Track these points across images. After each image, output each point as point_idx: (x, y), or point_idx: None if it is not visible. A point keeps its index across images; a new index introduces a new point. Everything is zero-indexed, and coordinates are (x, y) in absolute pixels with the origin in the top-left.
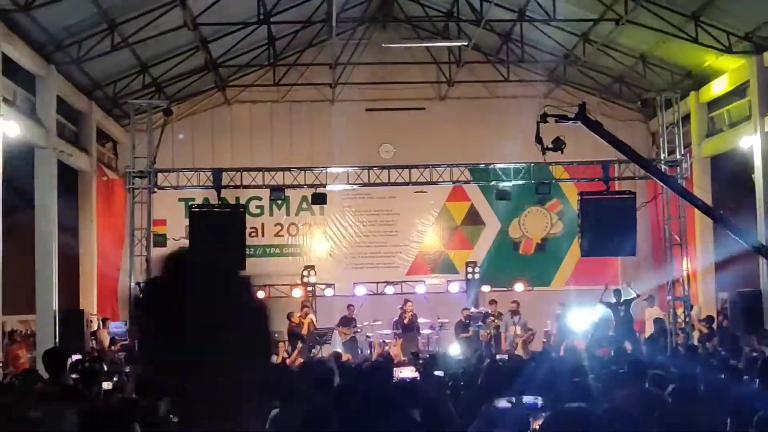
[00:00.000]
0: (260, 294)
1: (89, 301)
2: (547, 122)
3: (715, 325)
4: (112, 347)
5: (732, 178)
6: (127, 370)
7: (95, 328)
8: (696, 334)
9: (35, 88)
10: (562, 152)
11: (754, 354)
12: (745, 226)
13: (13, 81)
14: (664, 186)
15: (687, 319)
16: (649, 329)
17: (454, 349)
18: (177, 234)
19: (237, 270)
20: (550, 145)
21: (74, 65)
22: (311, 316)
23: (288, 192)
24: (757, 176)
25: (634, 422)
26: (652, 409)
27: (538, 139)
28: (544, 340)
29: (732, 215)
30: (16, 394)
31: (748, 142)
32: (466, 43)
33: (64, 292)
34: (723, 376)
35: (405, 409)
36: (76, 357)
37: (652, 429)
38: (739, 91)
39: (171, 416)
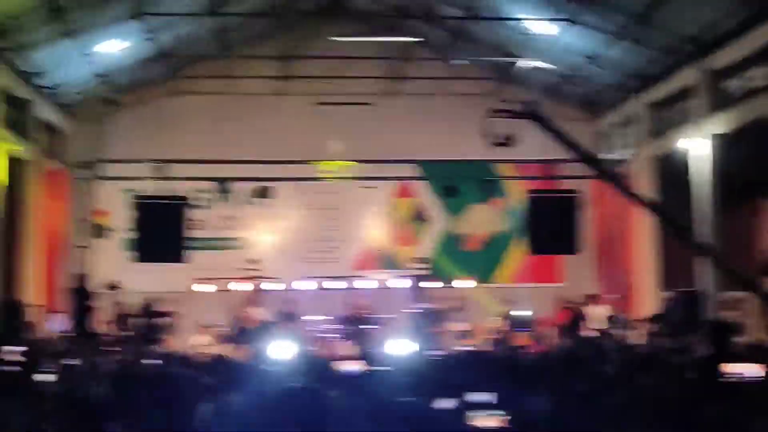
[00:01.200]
0: (203, 288)
1: (29, 292)
2: (497, 117)
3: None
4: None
5: (674, 179)
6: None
7: (35, 319)
8: (635, 333)
9: None
10: (512, 147)
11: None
12: (687, 225)
13: None
14: (609, 185)
15: (626, 318)
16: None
17: (397, 345)
18: (120, 225)
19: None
20: (500, 140)
21: (17, 52)
22: (257, 310)
23: (234, 185)
24: (693, 178)
25: None
26: None
27: (488, 134)
28: (495, 336)
29: (674, 216)
30: None
31: (690, 144)
32: (416, 40)
33: (3, 282)
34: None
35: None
36: (13, 348)
37: None
38: (682, 94)
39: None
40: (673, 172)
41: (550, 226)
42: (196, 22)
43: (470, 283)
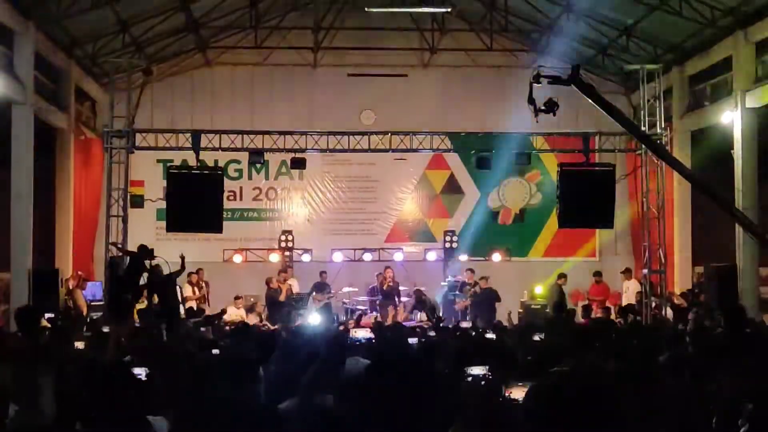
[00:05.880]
0: (237, 258)
1: (65, 261)
2: (540, 83)
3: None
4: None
5: (712, 153)
6: (105, 330)
7: (70, 287)
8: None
9: (13, 44)
10: (555, 114)
11: None
12: (727, 195)
13: None
14: (643, 159)
15: (662, 293)
16: (626, 302)
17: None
18: (154, 195)
19: None
20: (543, 107)
21: (53, 22)
22: (290, 281)
23: (267, 156)
24: (737, 152)
25: None
26: None
27: (531, 100)
28: (520, 311)
29: (716, 187)
30: None
31: (729, 117)
32: (449, 9)
33: (40, 250)
34: None
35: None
36: (48, 315)
37: None
38: (721, 66)
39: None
40: (709, 146)
41: (583, 199)
42: None
43: (503, 257)
